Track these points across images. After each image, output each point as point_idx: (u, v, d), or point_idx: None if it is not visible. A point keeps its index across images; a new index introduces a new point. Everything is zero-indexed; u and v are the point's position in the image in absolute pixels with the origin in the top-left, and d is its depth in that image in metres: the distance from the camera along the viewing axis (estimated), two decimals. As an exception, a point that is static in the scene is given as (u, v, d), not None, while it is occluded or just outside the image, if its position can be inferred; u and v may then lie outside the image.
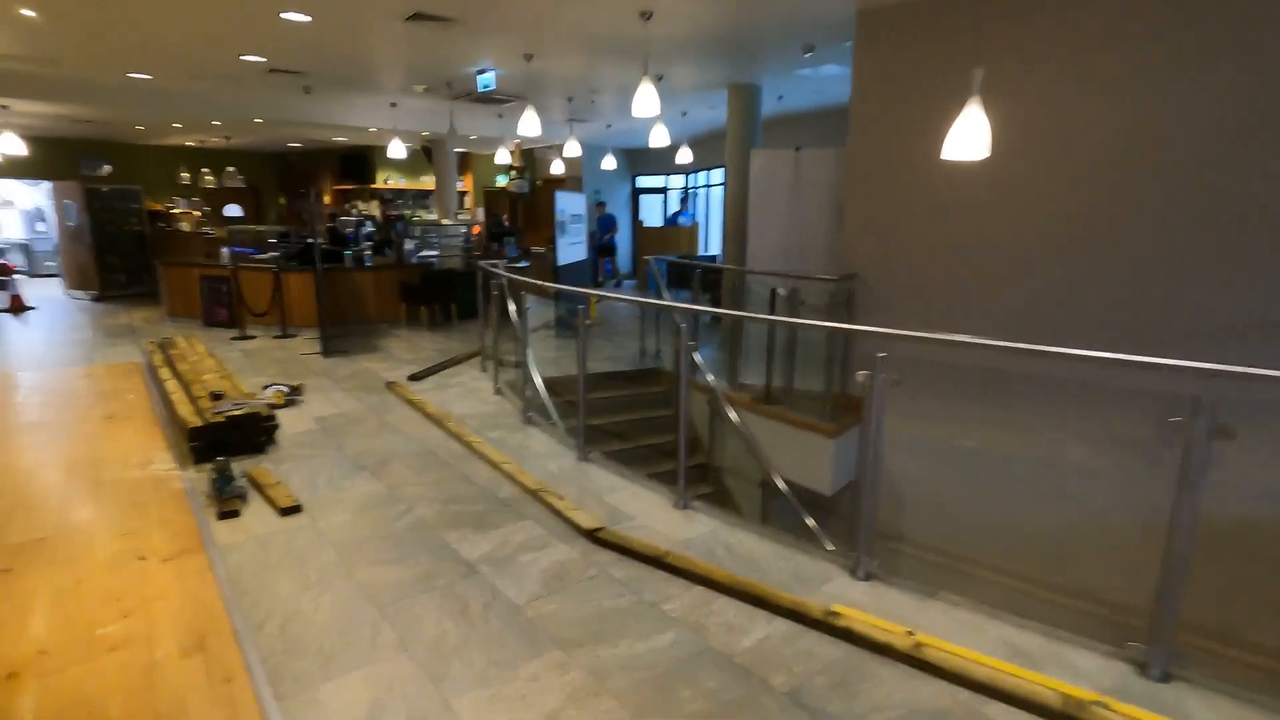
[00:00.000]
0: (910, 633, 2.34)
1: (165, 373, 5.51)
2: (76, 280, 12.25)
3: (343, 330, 7.78)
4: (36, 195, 13.87)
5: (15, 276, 10.98)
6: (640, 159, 13.98)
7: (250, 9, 5.20)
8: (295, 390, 5.44)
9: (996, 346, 2.70)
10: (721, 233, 7.63)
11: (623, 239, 14.65)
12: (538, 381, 4.96)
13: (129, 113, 9.40)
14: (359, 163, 13.44)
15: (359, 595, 2.65)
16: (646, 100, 4.94)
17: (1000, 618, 2.47)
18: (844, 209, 5.53)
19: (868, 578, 2.73)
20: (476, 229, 11.74)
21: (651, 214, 14.89)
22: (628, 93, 6.75)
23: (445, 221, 10.96)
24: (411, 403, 5.32)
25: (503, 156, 10.31)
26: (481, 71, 7.09)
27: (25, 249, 14.62)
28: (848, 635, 2.37)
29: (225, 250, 9.02)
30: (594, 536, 3.08)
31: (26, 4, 5.12)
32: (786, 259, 6.20)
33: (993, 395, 4.51)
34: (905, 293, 5.13)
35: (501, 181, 14.47)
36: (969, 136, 3.11)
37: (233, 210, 13.64)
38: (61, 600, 2.60)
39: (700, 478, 5.86)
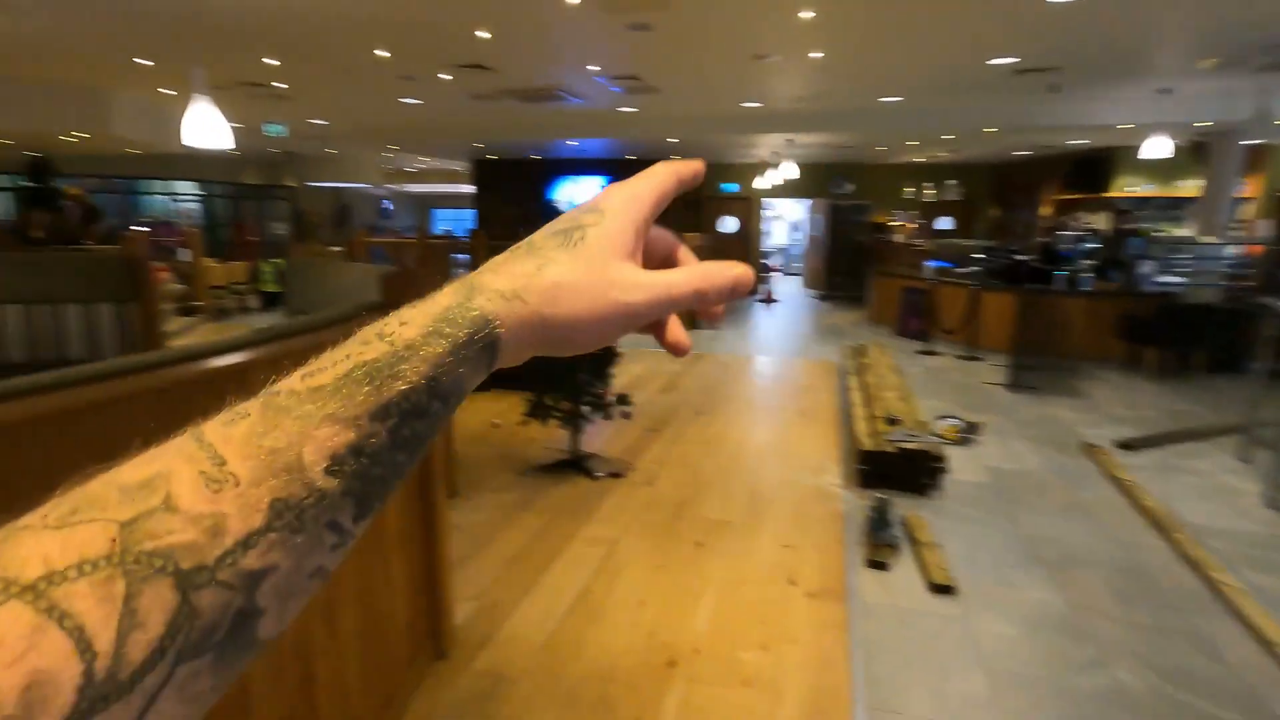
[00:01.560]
0: None
1: (853, 381, 5.76)
2: (811, 280, 14.84)
3: (1036, 362, 6.73)
4: (798, 210, 17.47)
5: (773, 274, 13.98)
6: None
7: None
8: (972, 428, 4.85)
9: None
10: None
11: None
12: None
13: (874, 135, 10.41)
14: (1092, 168, 11.54)
15: (1011, 775, 1.90)
16: None
17: None
18: None
19: None
20: (1255, 249, 8.50)
21: None
22: None
23: (1205, 239, 8.27)
24: (1118, 481, 4.01)
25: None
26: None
27: (784, 252, 18.97)
28: None
29: (926, 263, 9.09)
30: None
31: (817, 47, 5.96)
32: None
33: None
34: None
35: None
36: None
37: (943, 223, 13.87)
38: (724, 597, 2.76)
39: None
